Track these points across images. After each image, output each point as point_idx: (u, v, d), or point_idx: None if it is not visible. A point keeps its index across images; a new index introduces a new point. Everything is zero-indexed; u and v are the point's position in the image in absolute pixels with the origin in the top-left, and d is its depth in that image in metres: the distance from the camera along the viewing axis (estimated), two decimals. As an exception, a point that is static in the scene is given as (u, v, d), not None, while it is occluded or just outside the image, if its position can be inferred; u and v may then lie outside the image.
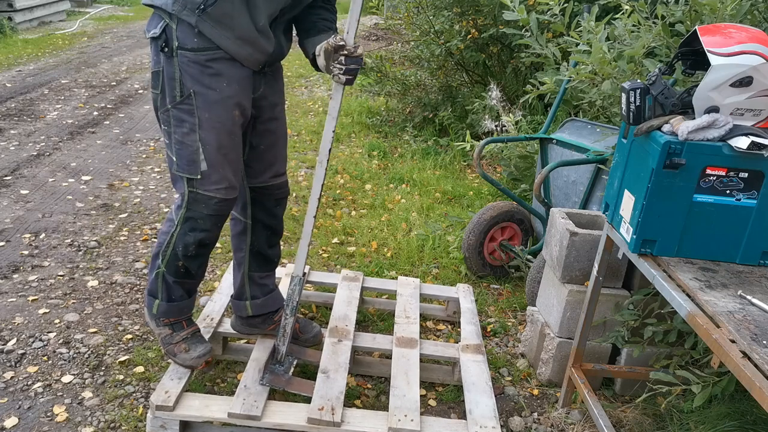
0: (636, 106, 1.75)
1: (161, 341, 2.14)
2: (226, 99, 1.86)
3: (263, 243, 2.25)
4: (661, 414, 2.24)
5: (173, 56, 1.82)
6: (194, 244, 1.98)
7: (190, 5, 1.76)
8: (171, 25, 1.80)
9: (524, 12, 2.91)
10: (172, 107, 1.86)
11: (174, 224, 1.98)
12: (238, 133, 1.94)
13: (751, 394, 1.31)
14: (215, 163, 1.89)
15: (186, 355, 2.09)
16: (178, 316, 2.14)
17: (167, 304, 2.11)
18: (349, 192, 4.38)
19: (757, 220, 1.72)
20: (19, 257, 3.15)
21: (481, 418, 2.05)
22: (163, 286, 2.08)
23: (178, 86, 1.83)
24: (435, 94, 5.71)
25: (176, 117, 1.87)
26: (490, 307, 3.05)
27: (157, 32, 1.82)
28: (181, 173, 1.91)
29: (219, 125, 1.87)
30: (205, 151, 1.87)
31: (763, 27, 2.34)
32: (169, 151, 1.93)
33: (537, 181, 2.72)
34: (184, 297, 2.13)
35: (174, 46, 1.81)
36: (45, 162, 4.51)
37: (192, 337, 2.14)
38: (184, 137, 1.87)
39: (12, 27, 9.21)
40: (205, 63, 1.82)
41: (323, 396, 2.05)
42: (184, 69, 1.82)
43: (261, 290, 2.30)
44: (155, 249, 2.06)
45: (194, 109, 1.84)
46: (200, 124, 1.85)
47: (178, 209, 1.97)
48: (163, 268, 2.05)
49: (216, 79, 1.84)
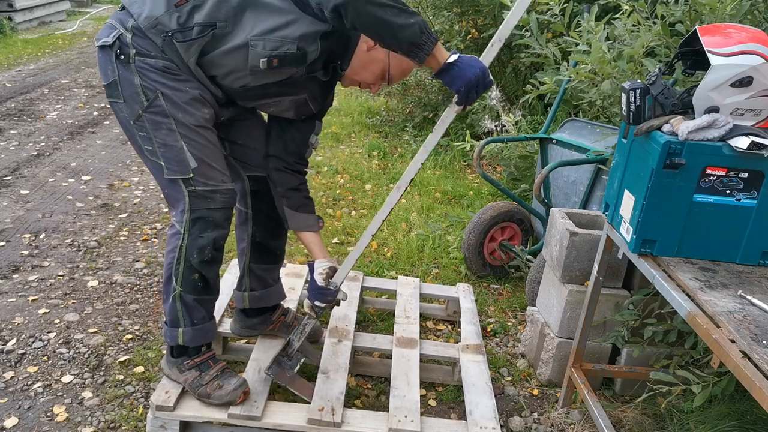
0: (636, 106, 1.75)
1: (190, 387, 1.99)
2: (193, 98, 1.81)
3: (266, 234, 2.21)
4: (661, 414, 2.24)
5: (130, 63, 1.75)
6: (209, 246, 1.91)
7: (160, 27, 1.72)
8: (125, 35, 1.74)
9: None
10: (143, 112, 1.80)
11: (180, 234, 1.90)
12: (212, 129, 1.90)
13: (751, 394, 1.31)
14: (202, 157, 1.85)
15: (221, 392, 1.96)
16: (205, 341, 2.05)
17: (192, 329, 1.99)
18: (349, 192, 4.38)
19: (757, 220, 1.72)
20: (19, 257, 3.15)
21: (482, 419, 2.05)
22: (183, 309, 1.97)
23: (141, 92, 1.77)
24: (435, 94, 5.71)
25: (151, 121, 1.81)
26: (490, 307, 3.05)
27: (110, 40, 1.74)
28: (173, 176, 1.85)
29: (192, 123, 1.82)
30: (190, 147, 1.83)
31: (763, 27, 2.34)
32: (154, 158, 1.86)
33: (537, 181, 2.72)
34: (206, 319, 2.02)
35: (131, 53, 1.74)
36: (45, 162, 4.51)
37: (222, 374, 2.01)
38: (165, 138, 1.82)
39: (12, 27, 9.21)
40: (164, 68, 1.76)
41: (323, 396, 2.05)
42: (144, 74, 1.75)
43: (260, 283, 2.28)
44: (165, 272, 1.96)
45: (165, 109, 1.79)
46: (176, 122, 1.80)
47: (182, 215, 1.89)
48: (179, 288, 1.94)
49: (178, 82, 1.79)
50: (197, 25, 1.72)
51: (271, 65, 1.77)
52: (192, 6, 1.72)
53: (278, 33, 1.73)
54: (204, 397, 1.97)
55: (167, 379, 2.04)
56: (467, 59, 1.69)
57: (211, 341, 2.07)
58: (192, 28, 1.72)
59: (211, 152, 1.89)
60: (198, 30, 1.72)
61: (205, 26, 1.72)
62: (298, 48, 1.75)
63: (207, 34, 1.73)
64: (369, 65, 1.89)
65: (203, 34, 1.72)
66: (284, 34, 1.74)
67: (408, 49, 1.64)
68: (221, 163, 1.93)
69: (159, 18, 1.72)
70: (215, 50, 1.76)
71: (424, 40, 1.62)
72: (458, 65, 1.67)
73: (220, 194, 1.90)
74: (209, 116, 1.87)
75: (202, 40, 1.73)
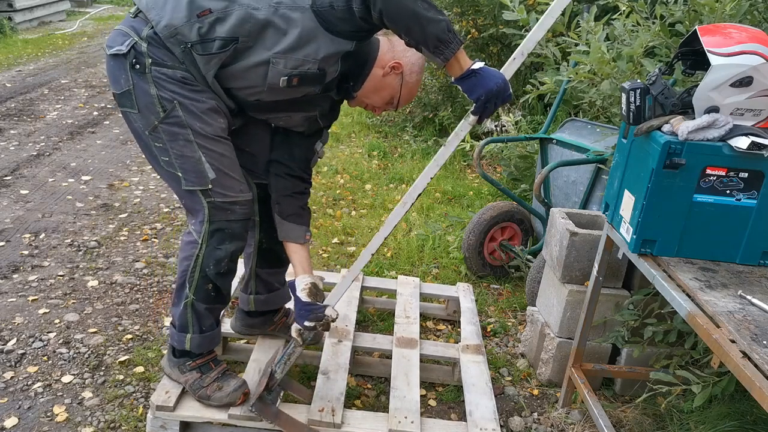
0: (636, 106, 1.75)
1: (191, 388, 1.98)
2: (210, 108, 1.78)
3: (273, 240, 2.16)
4: (661, 414, 2.24)
5: (146, 72, 1.70)
6: (226, 258, 1.88)
7: (179, 38, 1.67)
8: (140, 44, 1.69)
9: (524, 12, 2.91)
10: (159, 123, 1.76)
11: (197, 244, 1.86)
12: (228, 138, 1.88)
13: (751, 394, 1.31)
14: (220, 167, 1.82)
15: (221, 393, 1.95)
16: (210, 349, 2.04)
17: (200, 336, 1.98)
18: (349, 192, 4.38)
19: (757, 220, 1.72)
20: (19, 257, 3.15)
21: (482, 419, 2.05)
22: (194, 316, 1.95)
23: (158, 102, 1.73)
24: (435, 94, 5.71)
25: (167, 132, 1.77)
26: (490, 307, 3.05)
27: (123, 49, 1.70)
28: (192, 187, 1.82)
29: (210, 132, 1.79)
30: (208, 157, 1.79)
31: (763, 27, 2.34)
32: (170, 169, 1.82)
33: (537, 181, 2.72)
34: (213, 326, 2.01)
35: (147, 62, 1.69)
36: (45, 162, 4.51)
37: (223, 376, 2.00)
38: (183, 150, 1.78)
39: (12, 27, 9.21)
40: (182, 78, 1.72)
41: (323, 397, 2.05)
42: (160, 84, 1.72)
43: (266, 287, 2.27)
44: (178, 279, 1.93)
45: (183, 120, 1.75)
46: (193, 132, 1.77)
47: (200, 225, 1.85)
48: (192, 296, 1.91)
49: (195, 92, 1.75)
50: (219, 38, 1.67)
51: (291, 84, 1.74)
52: (215, 18, 1.66)
53: (301, 51, 1.70)
54: (204, 398, 1.96)
55: (167, 379, 2.04)
56: (490, 70, 1.67)
57: (215, 347, 2.07)
58: (213, 41, 1.67)
59: (229, 162, 1.86)
60: (219, 44, 1.68)
61: (228, 41, 1.67)
62: (319, 68, 1.73)
63: (229, 49, 1.68)
64: (381, 90, 1.88)
65: (225, 49, 1.68)
66: (306, 53, 1.70)
67: (434, 45, 1.60)
68: (239, 173, 1.90)
69: (179, 28, 1.67)
70: (234, 64, 1.72)
71: (450, 38, 1.60)
72: (481, 73, 1.65)
73: (239, 206, 1.87)
74: (225, 126, 1.85)
75: (224, 54, 1.69)
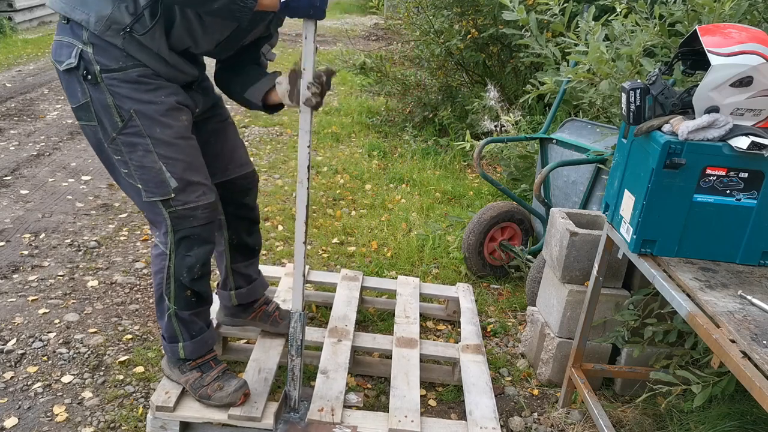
0: (636, 106, 1.75)
1: (191, 388, 1.98)
2: (169, 109, 1.76)
3: (241, 233, 2.22)
4: (661, 414, 2.24)
5: (99, 82, 1.68)
6: (199, 263, 1.87)
7: (115, 26, 1.65)
8: (86, 50, 1.67)
9: (524, 12, 2.91)
10: (117, 135, 1.74)
11: (166, 255, 1.86)
12: (192, 136, 1.85)
13: (751, 394, 1.31)
14: (183, 174, 1.79)
15: (222, 393, 1.95)
16: (206, 351, 2.03)
17: (192, 342, 1.98)
18: (349, 192, 4.38)
19: (757, 220, 1.72)
20: (19, 257, 3.15)
21: (482, 419, 2.05)
22: (180, 325, 1.95)
23: (116, 111, 1.71)
24: (435, 94, 5.71)
25: (126, 143, 1.75)
26: (490, 307, 3.05)
27: (74, 61, 1.68)
28: (152, 198, 1.79)
29: (172, 136, 1.76)
30: (169, 166, 1.77)
31: (763, 27, 2.34)
32: (131, 181, 1.80)
33: (537, 181, 2.72)
34: (204, 329, 2.01)
35: (96, 70, 1.67)
36: (45, 162, 4.51)
37: (223, 375, 2.00)
38: (142, 160, 1.76)
39: (12, 27, 9.20)
40: (137, 79, 1.71)
41: (323, 397, 2.05)
42: (116, 92, 1.70)
43: (245, 280, 2.30)
44: (156, 292, 1.93)
45: (141, 129, 1.73)
46: (153, 142, 1.74)
47: (165, 236, 1.84)
48: (173, 307, 1.91)
49: (153, 93, 1.73)
50: (146, 7, 1.66)
51: None
52: None
53: None
54: (204, 398, 1.96)
55: (167, 379, 2.04)
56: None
57: (212, 347, 2.07)
58: (143, 15, 1.66)
59: (193, 162, 1.84)
60: (150, 13, 1.66)
61: (153, 4, 1.66)
62: None
63: (159, 13, 1.66)
64: None
65: (156, 16, 1.66)
66: None
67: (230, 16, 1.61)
68: (204, 174, 1.87)
69: (110, 16, 1.65)
70: (175, 25, 1.71)
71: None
72: None
73: (201, 210, 1.84)
74: (188, 123, 1.83)
75: (160, 20, 1.67)
